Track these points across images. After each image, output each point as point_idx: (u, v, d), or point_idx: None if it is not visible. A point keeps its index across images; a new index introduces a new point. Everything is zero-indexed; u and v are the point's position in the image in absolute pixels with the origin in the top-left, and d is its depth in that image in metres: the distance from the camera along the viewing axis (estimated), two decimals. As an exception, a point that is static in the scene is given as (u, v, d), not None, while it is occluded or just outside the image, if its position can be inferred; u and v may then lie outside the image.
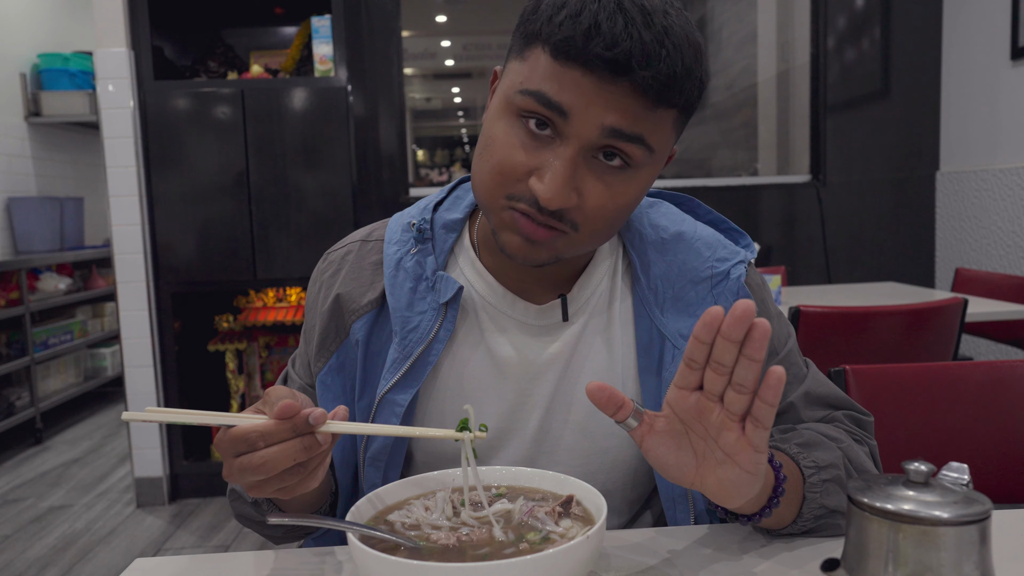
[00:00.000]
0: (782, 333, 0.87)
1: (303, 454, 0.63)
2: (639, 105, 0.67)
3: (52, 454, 3.77)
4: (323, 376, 0.85)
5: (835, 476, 0.74)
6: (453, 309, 0.81)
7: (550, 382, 0.83)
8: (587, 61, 0.65)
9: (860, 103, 3.59)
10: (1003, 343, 2.88)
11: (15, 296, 3.74)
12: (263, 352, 3.24)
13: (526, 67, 0.70)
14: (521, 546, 0.63)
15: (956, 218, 3.51)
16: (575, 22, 0.65)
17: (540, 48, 0.68)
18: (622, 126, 0.67)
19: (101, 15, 2.85)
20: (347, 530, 0.63)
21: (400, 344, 0.81)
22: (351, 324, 0.84)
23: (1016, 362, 1.20)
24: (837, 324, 1.89)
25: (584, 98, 0.66)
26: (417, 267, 0.83)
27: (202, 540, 2.70)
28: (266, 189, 2.91)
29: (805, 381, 0.86)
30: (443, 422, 0.83)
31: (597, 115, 0.67)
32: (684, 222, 0.88)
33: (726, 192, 3.57)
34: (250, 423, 0.63)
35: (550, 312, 0.83)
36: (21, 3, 4.43)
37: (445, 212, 0.87)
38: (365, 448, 0.83)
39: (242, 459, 0.62)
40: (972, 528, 0.53)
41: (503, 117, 0.72)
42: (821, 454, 0.75)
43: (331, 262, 0.90)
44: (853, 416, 0.87)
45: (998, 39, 3.19)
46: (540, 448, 0.83)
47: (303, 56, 3.11)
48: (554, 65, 0.67)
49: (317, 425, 0.63)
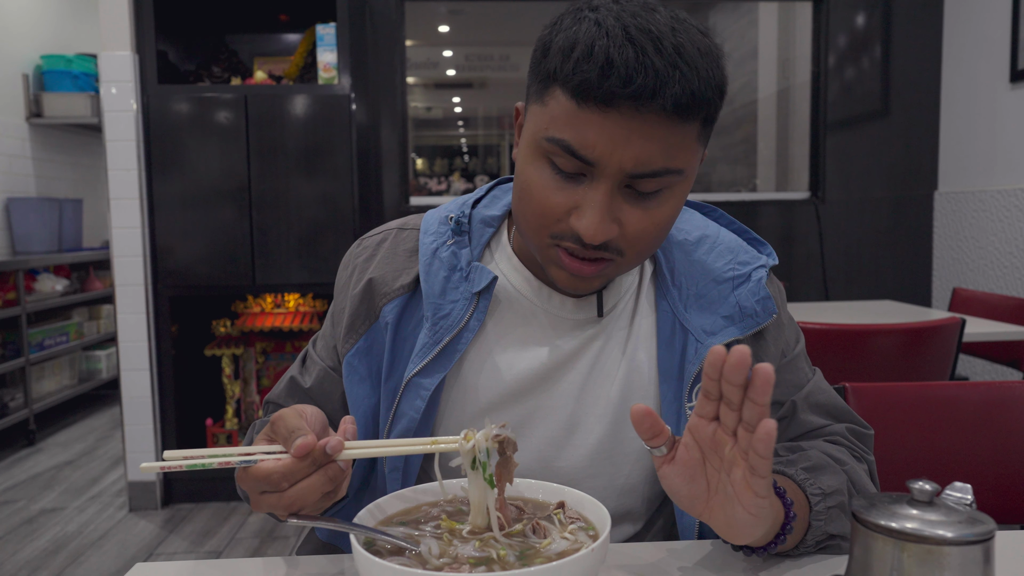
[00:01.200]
0: (791, 338, 0.90)
1: (329, 484, 0.64)
2: (663, 128, 0.68)
3: (45, 456, 3.75)
4: (350, 358, 0.86)
5: (840, 503, 0.75)
6: (486, 299, 0.83)
7: (580, 374, 0.85)
8: (606, 100, 0.66)
9: (860, 122, 3.61)
10: (999, 363, 2.89)
11: (12, 296, 3.73)
12: (260, 358, 3.23)
13: (547, 112, 0.71)
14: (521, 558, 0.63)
15: (953, 238, 3.52)
16: (589, 63, 0.66)
17: (559, 90, 0.69)
18: (644, 169, 0.69)
19: (106, 18, 2.85)
20: (350, 531, 0.63)
21: (431, 330, 0.82)
22: (381, 307, 0.85)
23: (1015, 383, 1.21)
24: (835, 341, 1.90)
25: (609, 144, 0.68)
26: (452, 257, 0.84)
27: (195, 545, 2.69)
28: (267, 195, 2.92)
29: (808, 385, 0.88)
30: (466, 409, 0.84)
31: (622, 156, 0.68)
32: (708, 227, 0.90)
33: (725, 207, 3.56)
34: (271, 463, 0.63)
35: (586, 307, 0.85)
36: (25, 4, 4.44)
37: (484, 209, 0.90)
38: (389, 431, 0.84)
39: (269, 498, 0.64)
40: (976, 548, 0.53)
41: (533, 160, 0.73)
42: (827, 479, 0.76)
43: (366, 247, 0.91)
44: (854, 430, 0.88)
45: (998, 61, 3.22)
46: (569, 439, 0.84)
47: (307, 63, 3.12)
48: (574, 109, 0.68)
49: (335, 453, 0.64)
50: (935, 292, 3.66)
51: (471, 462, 0.66)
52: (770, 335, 0.86)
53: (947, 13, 3.55)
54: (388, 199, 3.44)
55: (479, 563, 0.62)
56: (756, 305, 0.83)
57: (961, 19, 3.46)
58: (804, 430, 0.87)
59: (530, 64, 0.75)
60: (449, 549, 0.64)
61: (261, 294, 3.15)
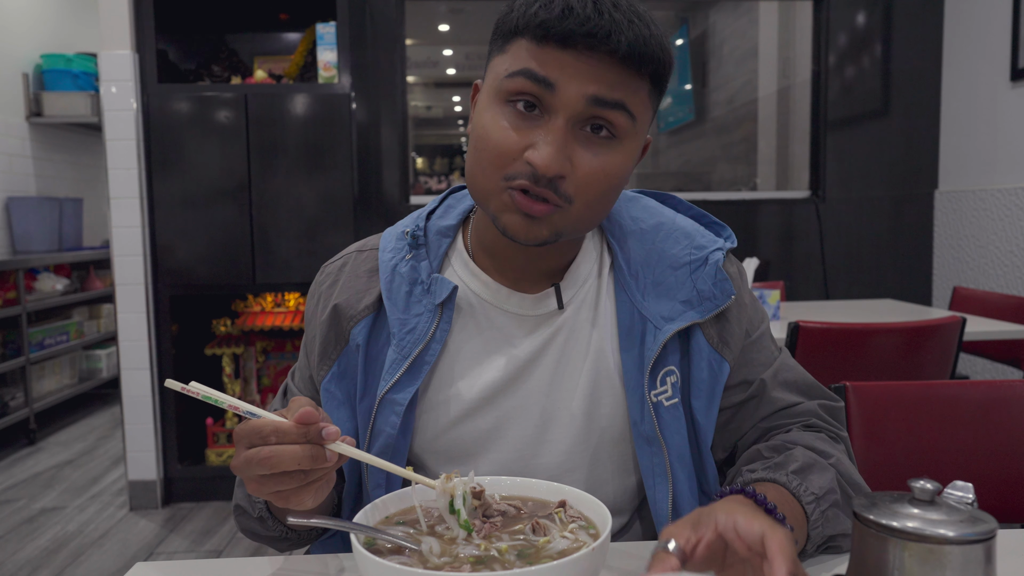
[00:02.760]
0: (756, 318, 0.90)
1: (307, 462, 0.65)
2: (616, 73, 0.72)
3: (45, 455, 3.75)
4: (327, 384, 0.87)
5: (834, 501, 0.76)
6: (449, 309, 0.84)
7: (548, 370, 0.86)
8: (565, 38, 0.71)
9: (860, 121, 3.60)
10: (1000, 362, 2.89)
11: (12, 296, 3.73)
12: (260, 357, 3.23)
13: (509, 57, 0.75)
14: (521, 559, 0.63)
15: (954, 237, 3.52)
16: (549, 7, 0.72)
17: (520, 39, 0.74)
18: (604, 93, 0.72)
19: (106, 17, 2.85)
20: (351, 531, 0.63)
21: (398, 345, 0.83)
22: (350, 330, 0.85)
23: (1016, 382, 1.21)
24: (836, 340, 1.90)
25: (566, 71, 0.72)
26: (412, 272, 0.85)
27: (195, 544, 2.69)
28: (267, 194, 2.92)
29: (775, 363, 0.89)
30: (441, 420, 0.85)
31: (580, 86, 0.72)
32: (663, 214, 0.91)
33: (725, 206, 3.58)
34: (270, 418, 0.66)
35: (545, 301, 0.86)
36: (25, 4, 4.43)
37: (438, 220, 0.90)
38: (368, 449, 0.84)
39: (251, 451, 0.65)
40: (978, 547, 0.53)
41: (491, 108, 0.76)
42: (817, 479, 0.76)
43: (328, 274, 0.92)
44: (826, 406, 0.90)
45: (998, 60, 3.22)
46: (544, 436, 0.85)
47: (307, 62, 3.12)
48: (535, 48, 0.73)
49: (327, 440, 0.66)
50: (935, 291, 3.66)
51: (449, 505, 0.68)
52: (732, 315, 0.86)
53: (947, 12, 3.54)
54: (388, 198, 3.44)
55: (479, 562, 0.62)
56: (714, 288, 0.84)
57: (961, 18, 3.46)
58: (775, 408, 0.88)
59: (492, 32, 0.79)
60: (450, 548, 0.64)
61: (261, 293, 3.15)
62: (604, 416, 0.86)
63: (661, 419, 0.83)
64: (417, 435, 0.86)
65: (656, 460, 0.83)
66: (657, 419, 0.82)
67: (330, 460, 0.66)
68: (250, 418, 0.67)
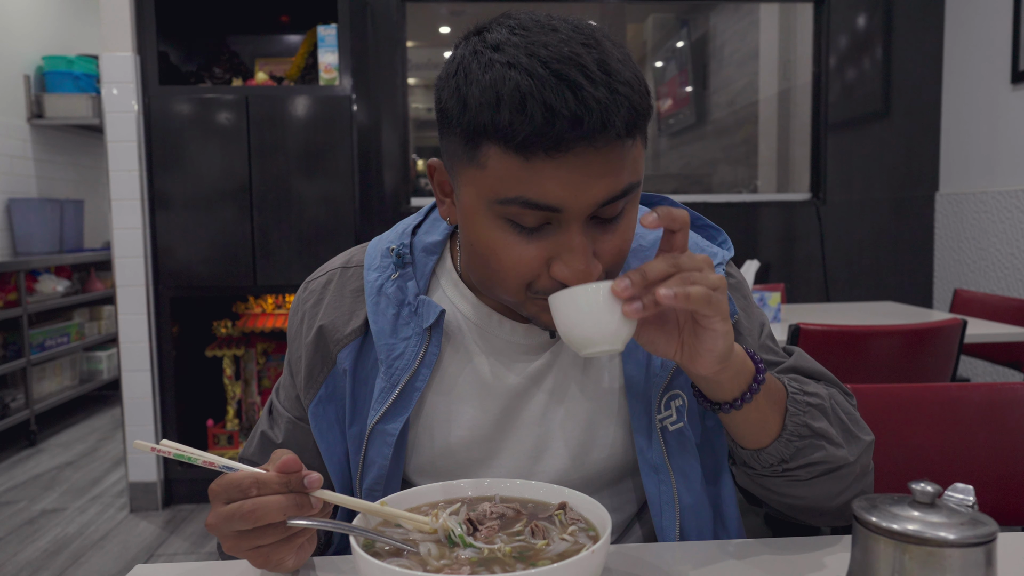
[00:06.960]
0: (755, 324, 0.88)
1: (292, 510, 0.64)
2: (616, 152, 0.64)
3: (46, 457, 3.75)
4: (315, 407, 0.85)
5: (819, 404, 0.77)
6: (437, 333, 0.80)
7: (540, 400, 0.83)
8: (556, 147, 0.62)
9: (861, 123, 3.60)
10: (1000, 365, 2.89)
11: (13, 297, 3.73)
12: (260, 358, 3.23)
13: (488, 174, 0.65)
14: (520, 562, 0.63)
15: (954, 239, 3.52)
16: (524, 115, 0.61)
17: (495, 148, 0.64)
18: (613, 190, 0.66)
19: (108, 19, 2.86)
20: (351, 533, 0.63)
21: (386, 373, 0.80)
22: (336, 353, 0.83)
23: (1016, 384, 1.21)
24: (837, 342, 1.90)
25: (569, 188, 0.63)
26: (399, 292, 0.82)
27: (195, 547, 2.68)
28: (268, 196, 2.92)
29: (791, 359, 0.87)
30: (435, 448, 0.83)
31: (589, 196, 0.64)
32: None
33: (726, 208, 3.58)
34: (248, 471, 0.64)
35: (537, 330, 0.83)
36: (26, 5, 4.44)
37: (424, 235, 0.86)
38: (361, 478, 0.83)
39: (232, 506, 0.64)
40: (978, 550, 0.53)
41: (488, 223, 0.68)
42: (807, 386, 0.78)
43: (312, 291, 0.89)
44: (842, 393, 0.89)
45: (999, 62, 3.22)
46: (535, 466, 0.83)
47: (308, 64, 3.12)
48: (521, 164, 0.63)
49: (311, 488, 0.65)
50: (936, 293, 3.66)
51: (447, 540, 0.66)
52: (743, 327, 0.86)
53: (948, 14, 3.54)
54: (389, 200, 3.44)
55: (479, 564, 0.61)
56: None
57: (962, 20, 3.46)
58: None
59: (439, 117, 0.69)
60: (448, 551, 0.64)
61: (262, 295, 3.15)
62: (603, 447, 0.83)
63: (668, 445, 0.81)
64: (410, 461, 0.84)
65: (664, 488, 0.81)
66: (665, 445, 0.80)
67: (315, 508, 0.66)
68: (226, 472, 0.65)
